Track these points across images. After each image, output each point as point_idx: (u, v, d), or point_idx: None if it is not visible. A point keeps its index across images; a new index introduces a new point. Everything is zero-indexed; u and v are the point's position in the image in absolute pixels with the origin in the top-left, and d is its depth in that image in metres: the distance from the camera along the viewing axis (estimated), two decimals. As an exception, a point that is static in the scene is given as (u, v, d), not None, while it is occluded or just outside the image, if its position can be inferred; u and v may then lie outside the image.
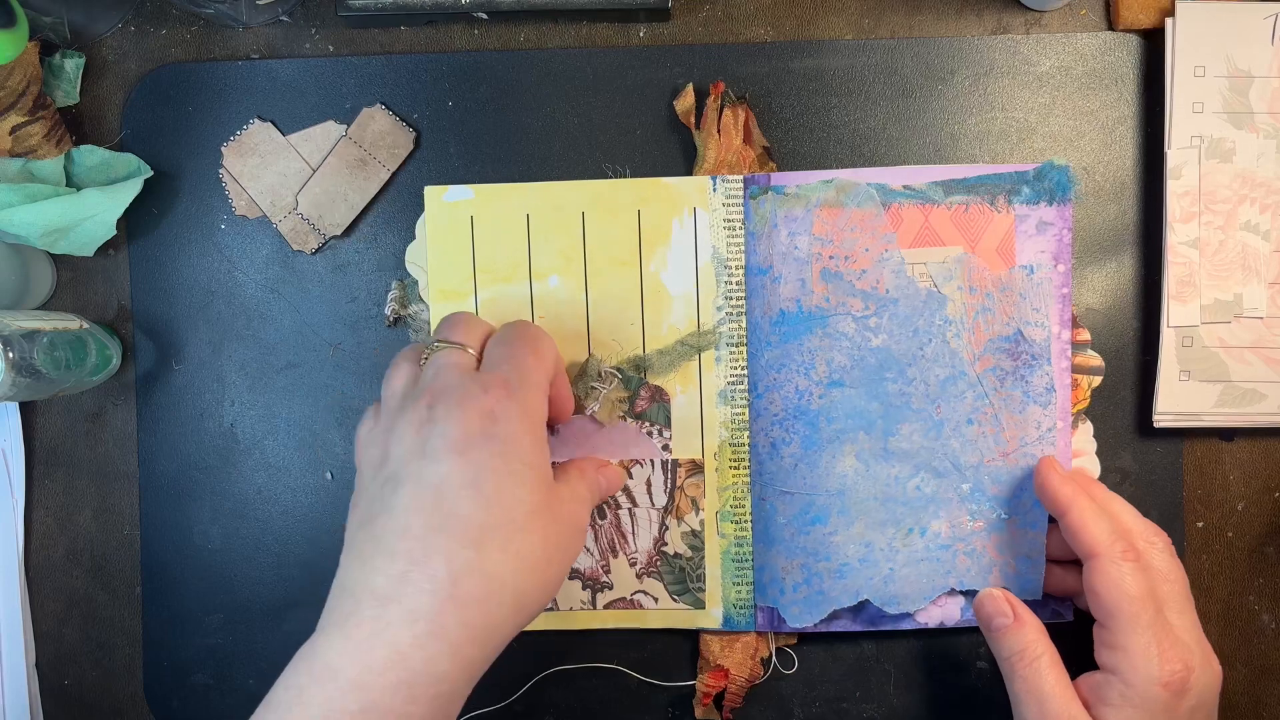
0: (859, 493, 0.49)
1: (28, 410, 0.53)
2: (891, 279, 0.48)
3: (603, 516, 0.50)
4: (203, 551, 0.52)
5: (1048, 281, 0.48)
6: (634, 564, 0.50)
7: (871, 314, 0.48)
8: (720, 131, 0.49)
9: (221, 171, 0.51)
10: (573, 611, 0.51)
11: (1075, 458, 0.49)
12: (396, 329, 0.52)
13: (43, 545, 0.53)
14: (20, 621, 0.52)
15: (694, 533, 0.50)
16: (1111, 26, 0.51)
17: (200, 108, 0.52)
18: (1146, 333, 0.50)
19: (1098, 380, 0.50)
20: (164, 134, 0.52)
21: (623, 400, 0.49)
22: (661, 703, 0.52)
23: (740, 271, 0.49)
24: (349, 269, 0.52)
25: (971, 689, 0.51)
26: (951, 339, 0.48)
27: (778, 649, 0.51)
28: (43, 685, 0.53)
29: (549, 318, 0.49)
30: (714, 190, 0.49)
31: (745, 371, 0.49)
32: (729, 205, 0.49)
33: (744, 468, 0.49)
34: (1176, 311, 0.49)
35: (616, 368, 0.49)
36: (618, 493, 0.50)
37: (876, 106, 0.51)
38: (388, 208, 0.52)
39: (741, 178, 0.49)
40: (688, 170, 0.51)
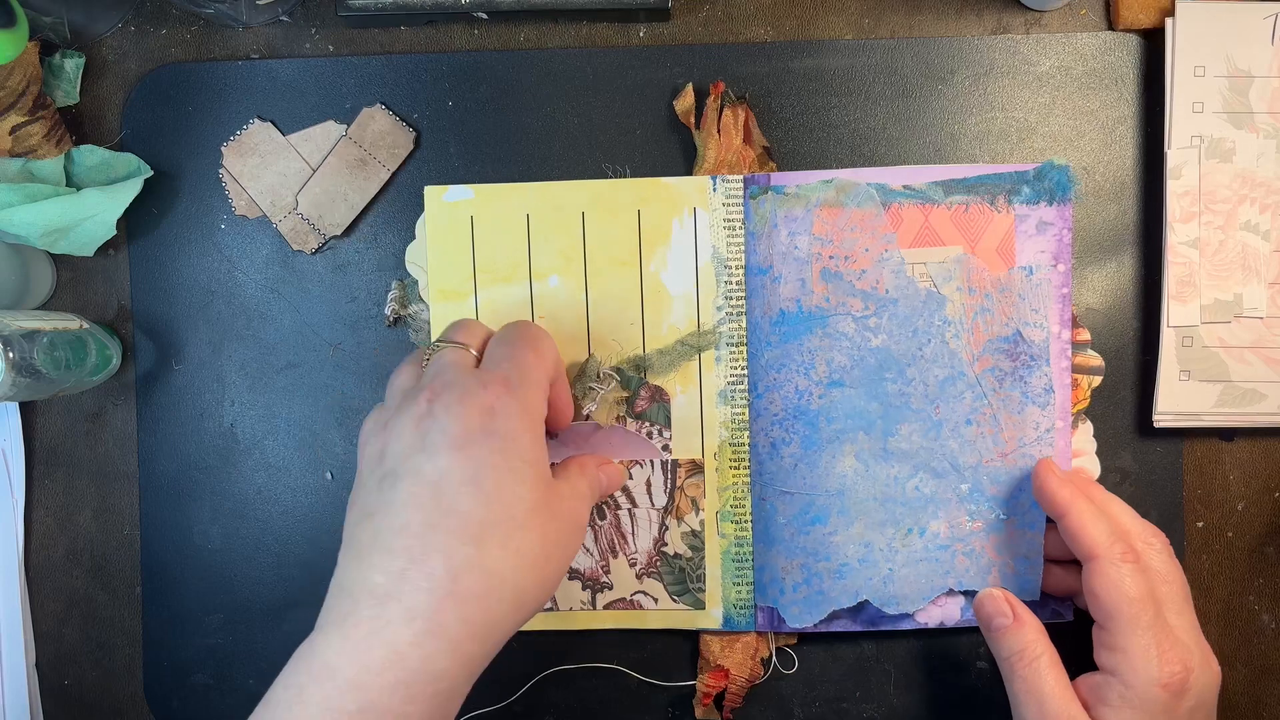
0: (858, 493, 0.49)
1: (28, 410, 0.53)
2: (891, 279, 0.48)
3: (602, 517, 0.50)
4: (203, 551, 0.52)
5: (1047, 282, 0.48)
6: (634, 564, 0.50)
7: (871, 314, 0.48)
8: (720, 131, 0.49)
9: (221, 171, 0.51)
10: (572, 612, 0.50)
11: (1075, 457, 0.49)
12: (396, 329, 0.52)
13: (43, 545, 0.53)
14: (20, 621, 0.52)
15: (694, 533, 0.50)
16: (1111, 26, 0.51)
17: (200, 108, 0.52)
18: (1146, 333, 0.50)
19: (1098, 380, 0.50)
20: (164, 134, 0.52)
21: (621, 401, 0.49)
22: (661, 703, 0.52)
23: (740, 271, 0.49)
24: (349, 269, 0.52)
25: (971, 689, 0.51)
26: (951, 339, 0.48)
27: (778, 649, 0.51)
28: (43, 685, 0.53)
29: (549, 318, 0.49)
30: (714, 190, 0.49)
31: (745, 371, 0.49)
32: (729, 205, 0.49)
33: (744, 468, 0.49)
34: (1176, 311, 0.49)
35: (616, 368, 0.49)
36: (617, 493, 0.50)
37: (876, 106, 0.51)
38: (388, 208, 0.52)
39: (741, 178, 0.49)
40: (688, 170, 0.51)
